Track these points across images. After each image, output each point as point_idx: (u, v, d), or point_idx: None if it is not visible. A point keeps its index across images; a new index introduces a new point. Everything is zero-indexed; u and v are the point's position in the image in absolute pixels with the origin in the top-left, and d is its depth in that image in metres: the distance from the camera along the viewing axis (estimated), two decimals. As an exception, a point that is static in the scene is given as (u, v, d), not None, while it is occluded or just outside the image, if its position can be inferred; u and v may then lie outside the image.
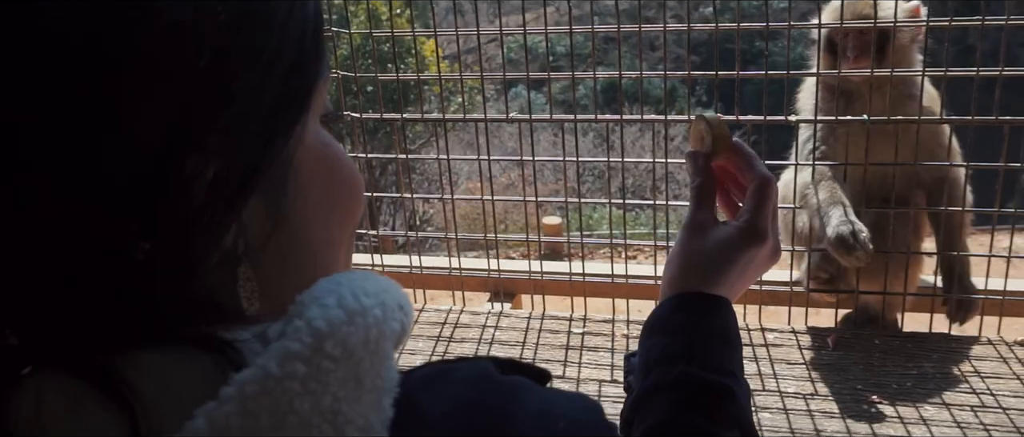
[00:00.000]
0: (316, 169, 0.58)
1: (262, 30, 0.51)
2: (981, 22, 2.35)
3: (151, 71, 0.46)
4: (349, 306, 0.50)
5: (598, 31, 2.66)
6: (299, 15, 0.54)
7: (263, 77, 0.51)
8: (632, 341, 2.71)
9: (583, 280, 2.91)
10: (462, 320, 2.89)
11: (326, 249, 0.62)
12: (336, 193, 0.61)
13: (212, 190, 0.49)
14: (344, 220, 0.63)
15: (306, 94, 0.56)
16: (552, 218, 10.34)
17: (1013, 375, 2.45)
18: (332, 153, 0.61)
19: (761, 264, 1.00)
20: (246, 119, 0.50)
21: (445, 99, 12.72)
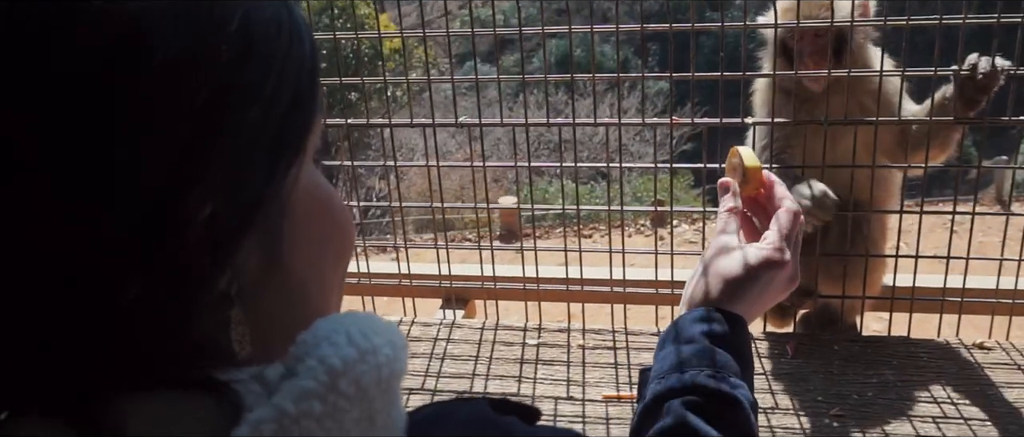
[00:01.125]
0: (310, 209, 0.58)
1: (263, 68, 0.51)
2: (939, 21, 2.24)
3: (150, 108, 0.45)
4: (361, 345, 0.50)
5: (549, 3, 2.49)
6: (297, 53, 0.54)
7: (263, 115, 0.50)
8: (589, 352, 2.60)
9: (537, 288, 2.78)
10: (413, 333, 2.76)
11: (320, 290, 0.61)
12: (330, 233, 0.61)
13: (209, 231, 0.48)
14: (337, 261, 0.63)
15: (303, 132, 0.55)
16: (508, 198, 10.25)
17: (974, 381, 2.37)
18: (325, 193, 0.60)
19: (779, 287, 1.04)
20: (245, 158, 0.50)
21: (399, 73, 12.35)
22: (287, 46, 0.53)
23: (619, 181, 2.91)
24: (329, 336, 0.50)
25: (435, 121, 2.55)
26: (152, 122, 0.45)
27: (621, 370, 2.50)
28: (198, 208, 0.47)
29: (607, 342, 2.65)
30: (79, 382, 0.46)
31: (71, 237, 0.44)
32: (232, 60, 0.48)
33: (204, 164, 0.47)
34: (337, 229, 0.61)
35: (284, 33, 0.53)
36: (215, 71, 0.47)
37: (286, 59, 0.53)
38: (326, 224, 0.60)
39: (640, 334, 2.68)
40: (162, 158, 0.45)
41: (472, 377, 2.50)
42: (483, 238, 7.75)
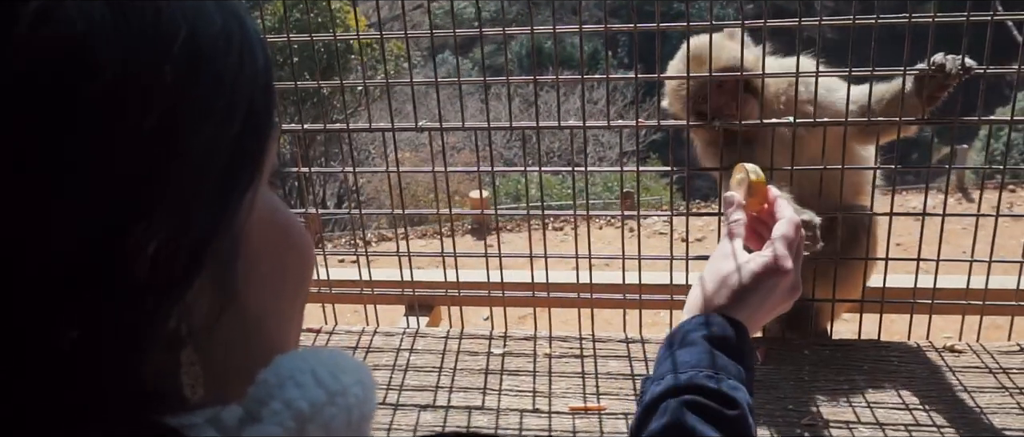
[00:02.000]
0: (267, 237, 0.53)
1: (212, 87, 0.46)
2: (908, 20, 2.15)
3: (89, 135, 0.40)
4: (329, 385, 0.47)
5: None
6: (250, 69, 0.49)
7: (214, 139, 0.46)
8: (555, 361, 2.49)
9: (503, 294, 2.67)
10: (375, 343, 2.64)
11: (277, 325, 0.56)
12: (288, 263, 0.56)
13: (155, 268, 0.43)
14: (296, 292, 0.58)
15: (259, 155, 0.51)
16: (476, 192, 10.13)
17: (945, 386, 2.29)
18: (283, 218, 0.56)
19: (781, 297, 1.06)
20: (195, 186, 0.45)
21: (370, 67, 12.25)
22: (238, 62, 0.48)
23: (585, 182, 2.79)
24: (293, 376, 0.47)
25: (394, 125, 2.42)
26: (91, 150, 0.41)
27: (588, 380, 2.40)
28: (144, 243, 0.42)
29: (574, 350, 2.54)
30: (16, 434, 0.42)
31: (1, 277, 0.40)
32: (178, 80, 0.44)
33: (150, 195, 0.43)
34: (296, 258, 0.57)
35: (235, 48, 0.48)
36: (160, 92, 0.43)
37: (238, 76, 0.48)
38: (284, 253, 0.55)
39: (607, 341, 2.58)
40: (103, 189, 0.41)
41: (436, 389, 2.39)
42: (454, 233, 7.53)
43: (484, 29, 2.31)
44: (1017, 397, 2.24)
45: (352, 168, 2.53)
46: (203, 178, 0.46)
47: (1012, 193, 8.96)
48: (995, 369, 2.37)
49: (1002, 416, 2.17)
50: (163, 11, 0.44)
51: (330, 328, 2.74)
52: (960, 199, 9.63)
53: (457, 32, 2.27)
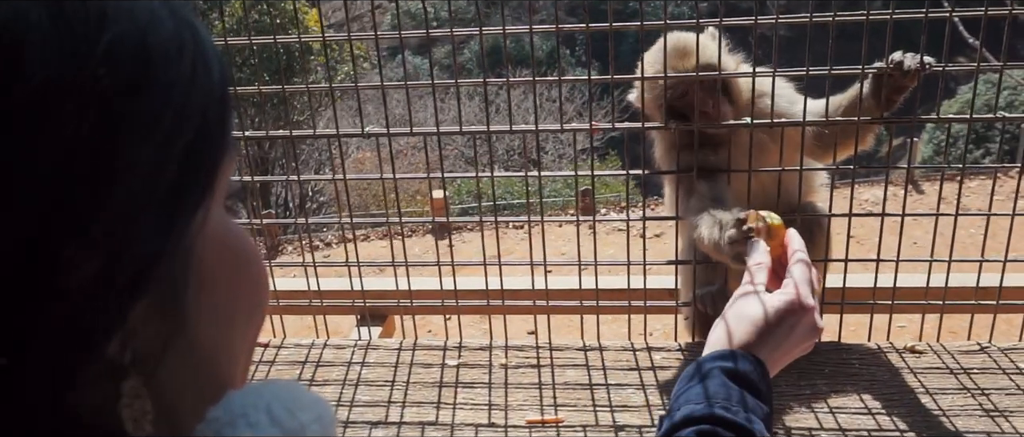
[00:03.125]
0: (219, 261, 0.49)
1: (160, 98, 0.42)
2: (866, 16, 2.06)
3: (18, 139, 0.37)
4: (285, 423, 0.45)
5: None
6: (203, 80, 0.46)
7: (160, 154, 0.42)
8: (512, 371, 2.37)
9: (457, 303, 2.55)
10: (325, 357, 2.49)
11: (228, 357, 0.52)
12: (242, 290, 0.52)
13: (92, 291, 0.39)
14: (249, 321, 0.54)
15: (211, 172, 0.46)
16: (438, 192, 9.98)
17: (907, 389, 2.21)
18: (237, 242, 0.52)
19: (802, 335, 1.07)
20: (138, 204, 0.41)
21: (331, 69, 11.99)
22: (190, 72, 0.45)
23: (538, 185, 2.67)
24: (247, 413, 0.45)
25: (339, 132, 2.28)
26: (20, 162, 0.37)
27: (545, 390, 2.28)
28: (79, 264, 0.39)
29: (531, 360, 2.42)
30: None
31: None
32: (121, 89, 0.40)
33: (86, 212, 0.39)
34: (250, 283, 0.53)
35: (187, 57, 0.45)
36: (97, 99, 0.39)
37: (190, 87, 0.45)
38: (238, 278, 0.52)
39: (565, 349, 2.46)
40: (33, 205, 0.38)
41: (388, 405, 2.26)
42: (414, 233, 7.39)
43: (432, 30, 2.18)
44: (979, 398, 2.16)
45: (297, 176, 2.38)
46: (148, 193, 0.42)
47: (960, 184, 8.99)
48: (957, 370, 2.29)
49: (965, 418, 2.09)
50: (109, 14, 0.41)
51: (279, 342, 2.59)
52: (911, 191, 9.67)
53: (402, 34, 2.14)
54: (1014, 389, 2.19)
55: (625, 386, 2.27)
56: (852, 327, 2.45)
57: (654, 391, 2.25)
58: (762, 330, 1.04)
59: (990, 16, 2.02)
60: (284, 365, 2.46)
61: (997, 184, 2.54)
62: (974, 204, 8.64)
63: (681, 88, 2.23)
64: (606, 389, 2.26)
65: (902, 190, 8.96)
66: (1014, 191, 2.32)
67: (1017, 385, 2.21)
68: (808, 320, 1.07)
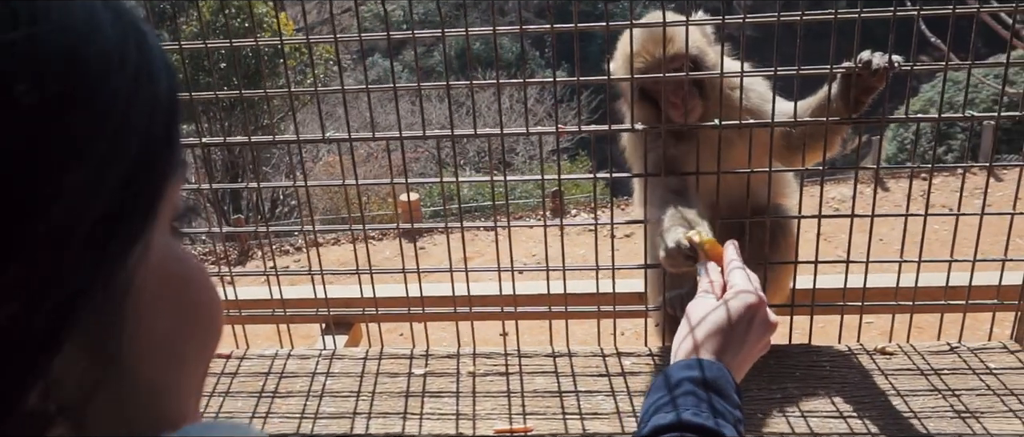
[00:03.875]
0: (163, 292, 0.44)
1: (95, 116, 0.37)
2: (834, 16, 2.02)
3: None
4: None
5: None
6: (147, 94, 0.40)
7: (91, 181, 0.37)
8: (479, 380, 2.31)
9: (423, 310, 2.48)
10: (289, 367, 2.41)
11: (173, 395, 0.46)
12: (189, 322, 0.46)
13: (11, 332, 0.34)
14: (198, 356, 0.48)
15: (153, 198, 0.41)
16: (411, 195, 9.89)
17: (878, 391, 2.17)
18: (185, 271, 0.46)
19: (759, 330, 1.07)
20: (66, 235, 0.36)
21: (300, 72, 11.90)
22: (131, 86, 0.39)
23: (505, 188, 2.60)
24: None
25: (300, 138, 2.20)
26: None
27: (514, 398, 2.21)
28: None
29: (499, 367, 2.36)
30: None
31: None
32: (44, 102, 0.35)
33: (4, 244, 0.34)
34: (198, 317, 0.47)
35: (129, 69, 0.39)
36: (18, 121, 0.34)
37: (131, 103, 0.39)
38: (185, 312, 0.46)
39: (534, 356, 2.40)
40: None
41: (353, 416, 2.19)
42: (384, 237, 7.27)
43: (395, 33, 2.10)
44: (950, 399, 2.13)
45: (257, 183, 2.30)
46: (76, 226, 0.37)
47: (925, 181, 9.04)
48: (927, 370, 2.26)
49: (936, 420, 2.05)
50: (37, 17, 0.36)
51: (241, 353, 2.50)
52: (874, 188, 9.70)
53: (363, 37, 2.07)
54: (984, 389, 2.16)
55: (595, 393, 2.21)
56: (821, 324, 2.41)
57: (624, 397, 2.19)
58: (724, 332, 1.05)
59: (957, 15, 1.99)
60: (247, 377, 2.38)
61: (956, 180, 2.51)
62: (938, 200, 8.69)
63: (652, 70, 2.14)
64: (575, 396, 2.20)
65: (867, 188, 9.00)
66: (976, 187, 2.29)
67: (987, 385, 2.18)
68: (762, 314, 1.08)
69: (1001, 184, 9.59)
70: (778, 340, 2.48)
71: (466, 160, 16.82)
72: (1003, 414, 2.05)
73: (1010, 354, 2.31)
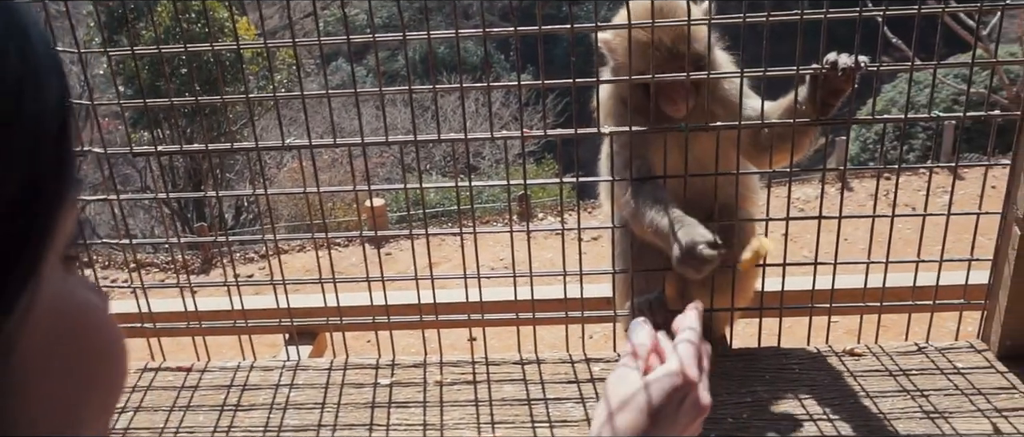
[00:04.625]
0: (54, 336, 0.38)
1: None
2: (800, 16, 2.01)
3: None
4: None
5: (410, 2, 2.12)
6: (32, 110, 0.34)
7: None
8: (447, 389, 2.27)
9: (388, 319, 2.43)
10: (251, 380, 2.36)
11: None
12: (88, 371, 0.40)
13: None
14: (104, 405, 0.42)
15: (41, 236, 0.35)
16: (377, 200, 9.83)
17: (848, 393, 2.17)
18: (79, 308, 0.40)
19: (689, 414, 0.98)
20: None
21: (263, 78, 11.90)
22: (13, 106, 0.33)
23: (470, 193, 2.57)
24: None
25: (259, 144, 2.15)
26: None
27: (482, 408, 2.18)
28: None
29: (466, 376, 2.33)
30: None
31: None
32: None
33: None
34: (97, 361, 0.41)
35: (9, 81, 0.33)
36: None
37: (12, 123, 0.33)
38: (83, 362, 0.41)
39: (502, 364, 2.37)
40: None
41: (318, 428, 2.14)
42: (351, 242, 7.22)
43: (354, 37, 2.06)
44: (918, 399, 2.13)
45: (216, 192, 2.24)
46: None
47: (888, 180, 9.16)
48: (895, 371, 2.26)
49: (905, 421, 2.05)
50: None
51: (202, 365, 2.45)
52: (841, 189, 9.80)
53: (322, 41, 2.02)
54: (952, 389, 2.16)
55: (564, 400, 2.19)
56: (789, 326, 2.41)
57: (594, 404, 2.16)
58: (647, 415, 0.95)
59: (922, 15, 1.99)
60: (208, 390, 2.32)
61: (918, 179, 2.52)
62: (902, 199, 8.81)
63: (653, 67, 2.08)
64: (544, 403, 2.17)
65: (832, 188, 9.08)
66: (939, 186, 2.30)
67: (955, 385, 2.18)
68: (693, 396, 0.98)
69: (963, 182, 9.75)
70: (747, 343, 2.48)
71: (432, 165, 16.77)
72: (971, 414, 2.06)
73: (977, 353, 2.32)
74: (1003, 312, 2.24)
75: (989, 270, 2.29)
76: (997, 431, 1.99)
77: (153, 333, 2.47)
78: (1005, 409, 2.07)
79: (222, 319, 2.50)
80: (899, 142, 2.66)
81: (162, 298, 2.73)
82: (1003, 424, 2.01)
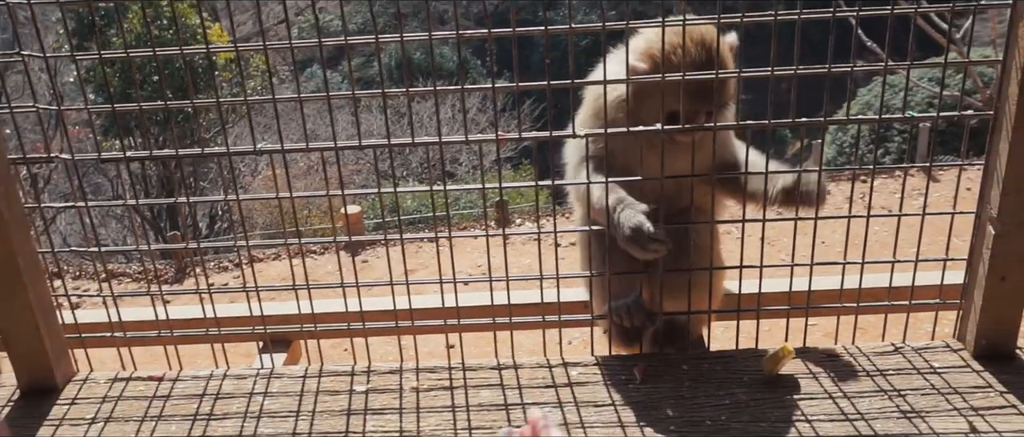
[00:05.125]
0: None
1: None
2: (774, 17, 2.02)
3: None
4: None
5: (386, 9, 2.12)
6: None
7: None
8: (424, 395, 2.26)
9: (363, 325, 2.42)
10: (225, 388, 2.33)
11: None
12: None
13: None
14: None
15: None
16: (352, 207, 9.78)
17: (825, 393, 2.18)
18: None
19: None
20: None
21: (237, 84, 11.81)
22: None
23: (445, 198, 2.56)
24: None
25: (230, 149, 2.14)
26: None
27: (459, 413, 2.17)
28: None
29: (443, 382, 2.31)
30: None
31: None
32: None
33: None
34: None
35: None
36: None
37: None
38: None
39: (479, 369, 2.36)
40: None
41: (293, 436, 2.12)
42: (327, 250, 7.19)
43: (326, 41, 2.05)
44: (895, 399, 2.14)
45: (186, 198, 2.22)
46: None
47: (864, 183, 9.25)
48: (872, 371, 2.27)
49: (883, 420, 2.06)
50: None
51: (174, 374, 2.41)
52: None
53: (294, 45, 2.01)
54: (929, 389, 2.18)
55: (542, 405, 2.18)
56: (767, 328, 2.42)
57: (572, 408, 2.16)
58: None
59: (896, 16, 2.01)
60: (180, 399, 2.30)
61: (894, 181, 2.54)
62: (878, 202, 8.88)
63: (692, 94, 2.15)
64: (522, 409, 2.16)
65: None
66: (914, 188, 2.32)
67: (931, 384, 2.19)
68: None
69: (938, 184, 9.86)
70: (726, 346, 2.49)
71: (409, 172, 16.74)
72: (948, 412, 2.07)
73: (953, 353, 2.33)
74: (978, 311, 2.26)
75: (964, 270, 2.31)
76: (973, 430, 2.00)
77: (124, 343, 2.44)
78: (981, 408, 2.08)
79: (194, 327, 2.47)
80: (875, 145, 2.68)
81: (133, 307, 2.70)
82: (979, 423, 2.03)
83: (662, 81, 2.08)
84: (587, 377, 2.30)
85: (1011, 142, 2.06)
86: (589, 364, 2.35)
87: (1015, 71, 2.01)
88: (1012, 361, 2.28)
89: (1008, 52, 2.05)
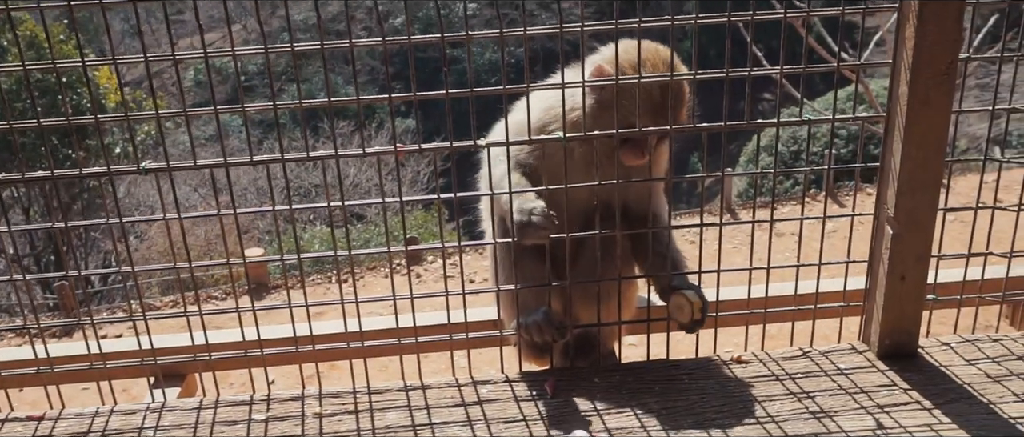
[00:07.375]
0: None
1: None
2: (727, 20, 2.06)
3: None
4: None
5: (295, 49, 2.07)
6: None
7: None
8: (327, 421, 2.21)
9: (261, 353, 2.36)
10: (112, 425, 2.24)
11: None
12: None
13: None
14: None
15: None
16: (255, 249, 9.60)
17: (736, 399, 2.22)
18: None
19: None
20: None
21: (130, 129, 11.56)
22: None
23: (345, 233, 2.53)
24: None
25: (111, 168, 2.08)
26: None
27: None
28: None
29: (347, 406, 2.27)
30: None
31: None
32: None
33: None
34: None
35: None
36: None
37: None
38: None
39: (385, 391, 2.32)
40: None
41: (186, 471, 2.04)
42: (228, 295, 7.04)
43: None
44: (805, 401, 2.20)
45: (64, 221, 2.14)
46: None
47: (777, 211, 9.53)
48: (781, 375, 2.33)
49: (793, 422, 2.11)
50: None
51: (56, 414, 2.30)
52: (727, 218, 10.14)
53: (177, 55, 1.98)
54: (836, 389, 2.24)
55: (451, 424, 2.16)
56: (678, 338, 2.45)
57: (482, 426, 2.14)
58: None
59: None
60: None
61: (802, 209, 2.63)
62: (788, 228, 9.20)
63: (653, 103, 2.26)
64: (430, 428, 2.14)
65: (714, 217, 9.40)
66: (816, 211, 2.40)
67: (839, 385, 2.26)
68: None
69: (844, 208, 10.25)
70: (636, 357, 2.51)
71: (316, 215, 16.52)
72: (855, 411, 2.13)
73: (858, 354, 2.41)
74: (881, 312, 2.34)
75: (866, 274, 2.40)
76: (880, 427, 2.07)
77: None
78: (887, 405, 2.15)
79: (78, 363, 2.37)
80: (783, 177, 2.78)
81: (9, 348, 2.57)
82: (885, 419, 2.09)
83: (615, 95, 2.16)
84: (497, 394, 2.29)
85: (903, 141, 2.15)
86: (499, 381, 2.34)
87: (904, 71, 2.12)
88: (914, 359, 2.37)
89: (896, 53, 2.16)
